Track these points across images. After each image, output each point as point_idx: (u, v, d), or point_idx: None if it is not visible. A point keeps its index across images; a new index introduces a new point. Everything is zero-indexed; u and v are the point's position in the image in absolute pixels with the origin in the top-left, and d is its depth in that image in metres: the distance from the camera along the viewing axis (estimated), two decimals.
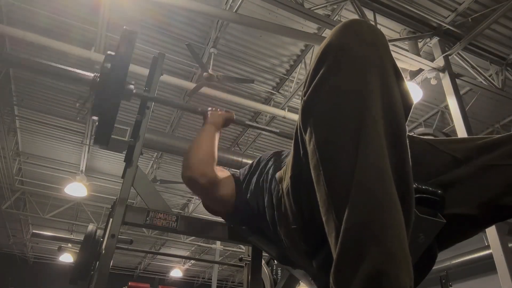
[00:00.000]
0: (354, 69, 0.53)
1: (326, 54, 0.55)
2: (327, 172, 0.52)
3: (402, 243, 0.45)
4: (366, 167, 0.49)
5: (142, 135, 1.32)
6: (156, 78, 1.45)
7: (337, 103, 0.53)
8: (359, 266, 0.43)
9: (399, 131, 0.53)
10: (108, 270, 1.05)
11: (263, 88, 5.36)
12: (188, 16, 4.28)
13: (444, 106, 5.27)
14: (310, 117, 0.57)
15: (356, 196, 0.47)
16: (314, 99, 0.56)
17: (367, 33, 0.55)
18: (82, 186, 7.10)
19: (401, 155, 0.53)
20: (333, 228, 0.49)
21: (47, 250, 11.55)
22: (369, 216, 0.46)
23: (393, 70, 0.55)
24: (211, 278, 10.56)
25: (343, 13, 4.09)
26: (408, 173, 0.54)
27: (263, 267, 1.58)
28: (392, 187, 0.48)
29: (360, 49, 0.53)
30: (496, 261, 3.17)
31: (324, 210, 0.52)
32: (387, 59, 0.55)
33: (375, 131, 0.50)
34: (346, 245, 0.46)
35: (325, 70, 0.55)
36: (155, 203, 1.30)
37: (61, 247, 2.47)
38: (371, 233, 0.45)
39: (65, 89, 5.44)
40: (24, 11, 4.26)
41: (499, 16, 3.77)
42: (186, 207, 8.91)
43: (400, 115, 0.54)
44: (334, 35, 0.56)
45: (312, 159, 0.55)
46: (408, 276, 0.43)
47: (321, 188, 0.52)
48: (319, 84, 0.55)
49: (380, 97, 0.52)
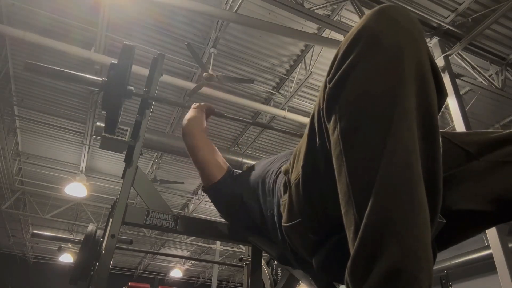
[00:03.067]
0: (389, 57, 0.50)
1: (358, 39, 0.52)
2: (351, 162, 0.49)
3: (425, 244, 0.43)
4: (394, 161, 0.46)
5: (142, 135, 1.33)
6: (156, 78, 1.45)
7: (368, 90, 0.50)
8: (377, 261, 0.42)
9: (432, 125, 0.50)
10: (108, 270, 1.05)
11: (263, 88, 5.36)
12: (188, 16, 4.28)
13: (444, 106, 5.26)
14: (336, 104, 0.53)
15: (381, 191, 0.45)
16: (342, 85, 0.53)
17: (404, 20, 0.52)
18: (82, 186, 7.10)
19: (432, 151, 0.50)
20: (352, 222, 0.47)
21: (47, 250, 11.55)
22: (393, 213, 0.44)
23: (428, 61, 0.53)
24: (211, 278, 10.56)
25: (343, 13, 4.09)
26: (439, 171, 0.51)
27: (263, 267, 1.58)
28: (421, 184, 0.46)
29: (396, 36, 0.50)
30: (496, 261, 3.17)
31: (344, 202, 0.50)
32: (423, 48, 0.52)
33: (407, 123, 0.47)
34: (366, 240, 0.44)
35: (356, 56, 0.51)
36: (155, 203, 1.30)
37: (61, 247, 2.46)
38: (393, 229, 0.43)
39: (65, 89, 5.44)
40: (24, 11, 4.26)
41: (499, 16, 3.77)
42: (186, 207, 8.91)
43: (434, 108, 0.51)
44: (368, 20, 0.52)
45: (336, 149, 0.52)
46: (428, 278, 0.42)
47: (343, 179, 0.50)
48: (349, 70, 0.52)
49: (414, 89, 0.49)
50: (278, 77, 5.18)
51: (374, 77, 0.50)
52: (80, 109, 5.88)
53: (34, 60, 4.06)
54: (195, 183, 7.90)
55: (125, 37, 4.55)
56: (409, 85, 0.49)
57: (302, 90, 5.19)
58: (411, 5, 3.93)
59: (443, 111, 5.44)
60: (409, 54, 0.50)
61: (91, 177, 7.51)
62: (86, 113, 5.89)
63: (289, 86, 5.23)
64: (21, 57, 4.94)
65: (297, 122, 5.62)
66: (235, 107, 5.69)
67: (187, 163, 7.21)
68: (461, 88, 4.38)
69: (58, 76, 1.38)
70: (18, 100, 5.77)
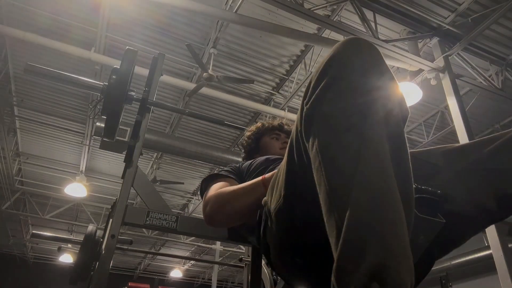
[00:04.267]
0: (357, 78, 0.57)
1: (329, 66, 0.60)
2: (329, 171, 0.54)
3: (402, 240, 0.46)
4: (368, 167, 0.50)
5: (142, 135, 1.33)
6: (156, 79, 1.46)
7: (341, 107, 0.56)
8: (360, 261, 0.45)
9: (399, 134, 0.57)
10: (108, 271, 1.05)
11: (263, 89, 5.36)
12: (188, 16, 4.28)
13: (444, 106, 5.28)
14: (314, 122, 0.59)
15: (359, 194, 0.49)
16: (317, 105, 0.59)
17: (366, 47, 0.60)
18: (82, 187, 7.10)
19: (402, 156, 0.56)
20: (334, 227, 0.50)
21: (47, 251, 11.55)
22: (371, 214, 0.47)
23: (391, 79, 0.60)
24: (211, 278, 10.56)
25: (343, 13, 4.09)
26: (409, 174, 0.56)
27: (263, 267, 1.58)
28: (394, 186, 0.50)
29: (360, 61, 0.59)
30: (496, 262, 3.17)
31: (325, 210, 0.53)
32: (385, 69, 0.60)
33: (377, 133, 0.53)
34: (348, 242, 0.47)
35: (329, 78, 0.58)
36: (155, 204, 1.30)
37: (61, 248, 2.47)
38: (373, 229, 0.46)
39: (65, 90, 5.44)
40: (24, 11, 4.26)
41: (499, 17, 3.77)
42: (186, 207, 8.91)
43: (400, 120, 0.59)
44: (337, 49, 0.61)
45: (315, 162, 0.57)
46: (408, 272, 0.45)
47: (323, 188, 0.54)
48: (323, 92, 0.59)
49: (381, 103, 0.56)
50: (278, 77, 5.19)
51: (346, 95, 0.57)
52: (80, 109, 5.88)
53: (34, 61, 4.07)
54: (195, 183, 7.90)
55: (125, 37, 4.55)
56: (377, 101, 0.56)
57: (302, 91, 5.17)
58: (411, 6, 3.93)
59: (443, 111, 5.44)
60: (373, 76, 0.58)
61: (91, 178, 7.51)
62: (86, 113, 5.89)
63: (289, 86, 5.23)
64: (21, 57, 4.93)
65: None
66: (235, 107, 5.69)
67: (187, 163, 7.21)
68: (461, 88, 4.38)
69: (59, 79, 1.38)
70: (18, 101, 5.77)
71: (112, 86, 1.24)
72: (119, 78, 1.24)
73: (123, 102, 1.27)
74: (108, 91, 1.25)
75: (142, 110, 1.36)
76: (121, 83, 1.24)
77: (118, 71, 1.25)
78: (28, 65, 1.28)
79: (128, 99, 1.33)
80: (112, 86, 1.24)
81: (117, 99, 1.24)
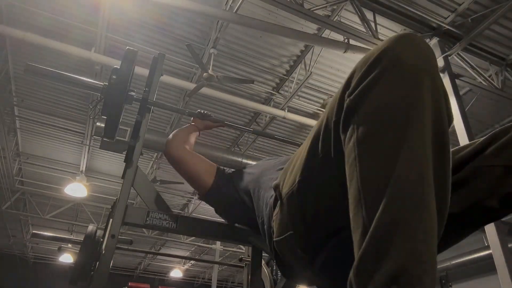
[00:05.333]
0: (409, 77, 0.54)
1: (380, 59, 0.56)
2: (364, 167, 0.52)
3: (431, 249, 0.45)
4: (407, 168, 0.49)
5: (142, 135, 1.33)
6: (156, 79, 1.46)
7: (388, 103, 0.54)
8: (383, 262, 0.44)
9: (444, 142, 0.55)
10: (108, 271, 1.06)
11: (263, 89, 5.36)
12: (188, 16, 4.28)
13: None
14: (355, 116, 0.57)
15: (393, 195, 0.47)
16: (362, 98, 0.56)
17: (423, 45, 0.57)
18: (82, 187, 7.10)
19: (443, 165, 0.54)
20: (361, 224, 0.49)
21: (47, 251, 11.55)
22: (402, 216, 0.46)
23: (442, 86, 0.58)
24: (211, 278, 10.56)
25: (343, 13, 4.09)
26: (448, 186, 0.55)
27: (263, 267, 1.58)
28: (431, 193, 0.49)
29: (415, 60, 0.55)
30: (496, 261, 3.17)
31: (353, 206, 0.52)
32: (437, 75, 0.57)
33: (422, 136, 0.51)
34: (374, 241, 0.46)
35: (379, 73, 0.56)
36: (155, 203, 1.31)
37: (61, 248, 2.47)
38: (401, 232, 0.45)
39: (65, 90, 5.44)
40: (24, 11, 4.26)
41: (498, 17, 3.77)
42: (186, 207, 8.91)
43: (446, 127, 0.56)
44: (390, 43, 0.57)
45: (350, 156, 0.55)
46: (431, 283, 0.43)
47: (354, 184, 0.53)
48: (371, 85, 0.56)
49: (430, 107, 0.53)
50: (278, 77, 5.19)
51: (395, 93, 0.54)
52: (80, 109, 5.88)
53: (34, 61, 4.07)
54: None
55: (125, 38, 4.55)
56: (426, 103, 0.53)
57: (302, 91, 5.19)
58: (411, 6, 3.93)
59: None
60: (428, 76, 0.55)
61: (91, 177, 7.51)
62: (86, 113, 5.89)
63: (289, 86, 5.23)
64: (21, 57, 4.94)
65: (296, 123, 5.63)
66: (235, 108, 5.69)
67: None
68: (460, 89, 4.38)
69: (59, 79, 1.38)
70: (18, 101, 5.77)
71: (113, 86, 1.24)
72: (120, 78, 1.24)
73: (123, 102, 1.27)
74: (109, 91, 1.25)
75: (142, 110, 1.36)
76: (122, 83, 1.24)
77: (119, 71, 1.25)
78: (28, 65, 1.28)
79: (129, 99, 1.33)
80: (113, 86, 1.24)
81: (118, 99, 1.24)
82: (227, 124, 1.60)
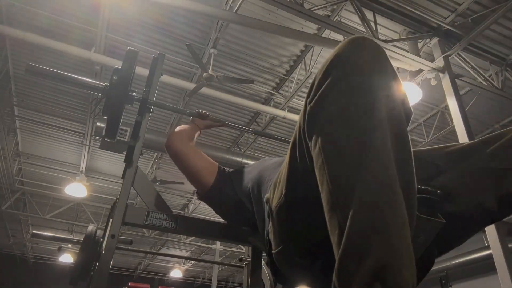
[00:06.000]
0: (361, 77, 0.57)
1: (334, 65, 0.59)
2: (331, 169, 0.53)
3: (406, 240, 0.46)
4: (371, 167, 0.50)
5: (142, 135, 1.32)
6: (156, 79, 1.45)
7: (344, 106, 0.56)
8: (362, 260, 0.44)
9: (403, 134, 0.56)
10: (108, 271, 1.05)
11: (263, 89, 5.36)
12: (188, 16, 4.28)
13: (444, 106, 5.28)
14: (317, 122, 0.59)
15: (362, 194, 0.48)
16: (321, 105, 0.59)
17: (370, 46, 0.59)
18: (82, 187, 7.10)
19: (405, 156, 0.55)
20: (337, 226, 0.50)
21: (47, 251, 11.55)
22: (374, 214, 0.47)
23: (394, 79, 0.59)
24: (211, 278, 10.55)
25: (343, 13, 4.09)
26: (412, 174, 0.56)
27: (263, 267, 1.58)
28: (397, 186, 0.50)
29: (366, 62, 0.58)
30: (496, 262, 3.17)
31: (328, 209, 0.53)
32: (389, 68, 0.59)
33: (381, 132, 0.53)
34: (351, 241, 0.47)
35: (333, 78, 0.58)
36: (155, 204, 1.30)
37: (61, 248, 2.46)
38: (376, 229, 0.46)
39: (65, 90, 5.44)
40: (24, 11, 4.26)
41: (499, 17, 3.77)
42: (186, 207, 8.91)
43: (403, 119, 0.58)
44: (341, 49, 0.60)
45: (317, 161, 0.56)
46: (410, 272, 0.44)
47: (325, 187, 0.54)
48: (327, 91, 0.58)
49: (384, 102, 0.56)
50: (278, 77, 5.19)
51: (349, 95, 0.56)
52: (80, 109, 5.88)
53: (34, 61, 4.07)
54: None
55: (125, 38, 4.55)
56: (381, 100, 0.55)
57: (302, 91, 5.19)
58: (410, 6, 3.93)
59: (443, 111, 5.44)
60: (379, 76, 0.57)
61: (91, 177, 7.51)
62: (86, 113, 5.89)
63: (289, 86, 5.23)
64: (21, 57, 4.94)
65: (297, 123, 5.62)
66: (235, 108, 5.69)
67: None
68: (461, 89, 4.38)
69: (60, 79, 1.37)
70: (18, 101, 5.77)
71: (114, 87, 1.23)
72: (121, 78, 1.24)
73: (124, 103, 1.26)
74: (110, 92, 1.25)
75: (142, 110, 1.36)
76: (123, 83, 1.24)
77: (120, 72, 1.25)
78: (29, 65, 1.27)
79: (130, 100, 1.32)
80: (114, 86, 1.23)
81: (119, 99, 1.23)
82: (227, 124, 1.58)
